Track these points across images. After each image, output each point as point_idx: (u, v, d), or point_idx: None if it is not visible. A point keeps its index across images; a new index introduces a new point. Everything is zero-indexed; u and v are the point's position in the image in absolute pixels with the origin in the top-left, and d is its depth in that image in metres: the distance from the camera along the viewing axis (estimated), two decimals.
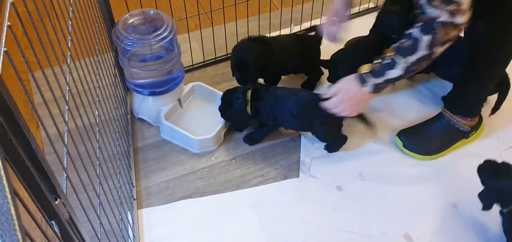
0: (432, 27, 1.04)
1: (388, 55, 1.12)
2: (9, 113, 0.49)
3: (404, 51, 1.09)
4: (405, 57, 1.09)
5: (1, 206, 0.34)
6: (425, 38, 1.05)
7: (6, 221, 0.34)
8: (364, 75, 1.17)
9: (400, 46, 1.10)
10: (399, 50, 1.10)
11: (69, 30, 0.85)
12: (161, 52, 1.38)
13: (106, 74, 1.21)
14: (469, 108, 1.36)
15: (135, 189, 1.34)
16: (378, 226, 1.23)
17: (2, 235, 0.33)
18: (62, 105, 0.74)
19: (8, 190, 0.36)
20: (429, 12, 1.03)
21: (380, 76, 1.14)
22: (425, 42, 1.06)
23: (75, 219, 0.67)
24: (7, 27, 0.52)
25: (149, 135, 1.49)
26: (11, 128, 0.49)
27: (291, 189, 1.33)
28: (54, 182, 0.60)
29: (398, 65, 1.11)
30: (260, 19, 1.71)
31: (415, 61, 1.09)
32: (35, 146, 0.54)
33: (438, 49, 1.07)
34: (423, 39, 1.06)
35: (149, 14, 1.37)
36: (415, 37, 1.07)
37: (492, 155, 1.38)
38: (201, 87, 1.57)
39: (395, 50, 1.11)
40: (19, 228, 0.34)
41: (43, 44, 0.67)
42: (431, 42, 1.05)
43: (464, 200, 1.28)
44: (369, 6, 1.95)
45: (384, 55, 1.14)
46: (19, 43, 0.55)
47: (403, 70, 1.11)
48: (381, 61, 1.14)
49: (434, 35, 1.04)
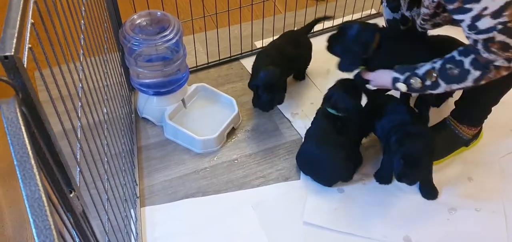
0: (486, 67, 1.04)
1: (431, 79, 1.13)
2: (32, 107, 0.51)
3: (450, 78, 1.10)
4: (449, 84, 1.11)
5: (33, 193, 0.36)
6: (475, 73, 1.06)
7: (39, 207, 0.36)
8: (400, 88, 1.20)
9: (445, 71, 1.10)
10: (444, 76, 1.11)
11: (82, 28, 0.87)
12: (167, 53, 1.40)
13: (113, 73, 1.23)
14: (476, 118, 1.37)
15: (138, 187, 1.35)
16: (378, 228, 1.25)
17: (35, 220, 0.35)
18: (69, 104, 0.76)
19: (38, 178, 0.38)
20: (485, 56, 1.02)
21: (418, 91, 1.18)
22: (473, 76, 1.07)
23: (87, 213, 0.69)
24: (31, 24, 0.54)
25: (153, 134, 1.51)
26: (34, 121, 0.50)
27: (292, 191, 1.35)
28: (70, 176, 0.62)
29: (440, 88, 1.13)
30: (264, 23, 1.73)
31: (457, 88, 1.12)
32: (54, 140, 0.56)
33: (482, 82, 1.08)
34: (473, 73, 1.06)
35: (156, 15, 1.39)
36: (466, 69, 1.07)
37: (491, 161, 1.41)
38: (205, 88, 1.59)
39: (439, 74, 1.12)
40: (50, 214, 0.36)
41: (59, 42, 0.69)
42: (480, 78, 1.06)
43: (463, 204, 1.30)
44: (371, 12, 1.98)
45: (425, 75, 1.14)
46: (41, 40, 0.57)
47: (442, 92, 1.14)
48: (422, 82, 1.15)
49: (485, 74, 1.05)
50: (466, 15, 0.98)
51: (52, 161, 0.55)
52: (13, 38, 0.46)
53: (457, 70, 1.09)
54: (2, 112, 0.43)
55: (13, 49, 0.46)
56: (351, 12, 1.92)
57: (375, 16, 1.96)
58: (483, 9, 0.95)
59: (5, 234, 1.26)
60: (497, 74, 1.05)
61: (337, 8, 1.86)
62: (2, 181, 1.38)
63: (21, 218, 1.29)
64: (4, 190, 1.36)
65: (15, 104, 0.44)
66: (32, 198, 0.36)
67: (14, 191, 1.35)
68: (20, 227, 1.27)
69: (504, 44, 0.98)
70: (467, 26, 1.00)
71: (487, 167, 1.40)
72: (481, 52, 1.03)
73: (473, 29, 1.00)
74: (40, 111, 0.52)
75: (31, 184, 0.36)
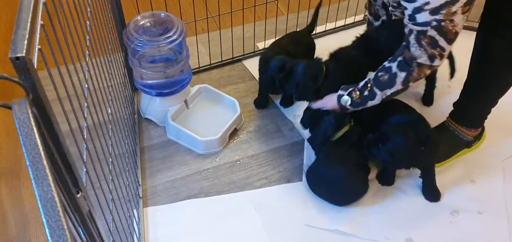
0: (410, 65, 1.12)
1: (367, 89, 1.22)
2: (42, 108, 0.51)
3: (382, 85, 1.19)
4: (383, 90, 1.20)
5: (46, 193, 0.36)
6: (402, 74, 1.15)
7: (51, 207, 0.36)
8: (344, 103, 1.27)
9: (378, 79, 1.20)
10: (377, 83, 1.20)
11: (87, 29, 0.87)
12: (170, 54, 1.40)
13: (117, 74, 1.23)
14: (475, 120, 1.38)
15: (141, 187, 1.36)
16: (381, 230, 1.25)
17: (48, 220, 0.35)
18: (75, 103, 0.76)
19: (51, 179, 0.38)
20: (413, 50, 1.10)
21: (360, 106, 1.26)
22: (400, 78, 1.15)
23: (93, 213, 0.69)
24: (40, 26, 0.54)
25: (156, 135, 1.51)
26: (43, 121, 0.51)
27: (294, 192, 1.35)
28: (77, 176, 0.62)
29: (377, 97, 1.21)
30: (266, 24, 1.74)
31: (391, 94, 1.20)
32: (62, 140, 0.56)
33: (411, 84, 1.17)
34: (399, 75, 1.15)
35: (160, 16, 1.39)
36: (393, 73, 1.16)
37: (493, 163, 1.41)
38: (207, 89, 1.60)
39: (373, 83, 1.21)
40: (63, 214, 0.36)
41: (67, 42, 0.69)
42: (406, 79, 1.15)
43: (465, 207, 1.31)
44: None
45: (363, 87, 1.24)
46: (49, 41, 0.57)
47: (380, 100, 1.22)
48: (360, 94, 1.24)
49: (410, 73, 1.14)
50: (411, 5, 1.04)
51: (60, 161, 0.55)
52: (24, 39, 0.47)
53: (387, 76, 1.18)
54: (14, 113, 0.43)
55: (24, 50, 0.46)
56: (354, 14, 1.93)
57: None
58: (425, 4, 1.01)
59: (8, 234, 1.26)
60: (421, 72, 1.13)
61: (340, 10, 1.86)
62: (5, 181, 1.38)
63: (24, 218, 1.29)
64: (7, 190, 1.36)
65: (27, 105, 0.44)
66: (45, 199, 0.36)
67: (17, 191, 1.35)
68: (23, 227, 1.27)
69: (433, 40, 1.06)
70: (408, 15, 1.06)
71: (489, 169, 1.40)
72: (411, 44, 1.09)
73: (412, 20, 1.06)
74: (49, 112, 0.52)
75: (43, 184, 0.37)
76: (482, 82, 1.29)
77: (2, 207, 1.32)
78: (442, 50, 1.07)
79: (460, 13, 1.01)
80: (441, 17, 1.01)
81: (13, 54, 0.45)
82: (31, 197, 1.34)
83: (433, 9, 1.00)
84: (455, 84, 1.33)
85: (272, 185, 1.38)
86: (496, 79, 1.26)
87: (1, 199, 1.34)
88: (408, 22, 1.08)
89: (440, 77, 1.55)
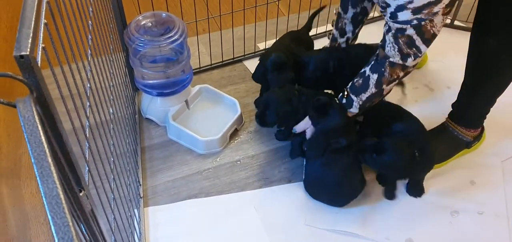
0: (382, 66, 1.12)
1: (346, 95, 1.23)
2: (45, 106, 0.51)
3: (357, 90, 1.19)
4: (358, 95, 1.19)
5: (51, 191, 0.36)
6: (374, 76, 1.15)
7: (56, 204, 0.36)
8: None
9: (353, 85, 1.20)
10: (352, 89, 1.20)
11: (89, 28, 0.88)
12: (171, 54, 1.41)
13: (118, 74, 1.24)
14: (474, 120, 1.39)
15: (142, 187, 1.36)
16: (381, 230, 1.25)
17: (53, 217, 0.35)
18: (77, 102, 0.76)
19: (56, 176, 0.38)
20: (388, 49, 1.10)
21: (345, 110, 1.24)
22: (373, 80, 1.16)
23: (95, 212, 0.69)
24: (43, 24, 0.54)
25: (156, 135, 1.51)
26: (47, 119, 0.51)
27: (295, 193, 1.36)
28: (80, 174, 0.62)
29: (354, 104, 1.21)
30: (267, 24, 1.74)
31: (366, 99, 1.19)
32: (66, 138, 0.56)
33: (386, 87, 1.16)
34: (372, 77, 1.15)
35: (161, 16, 1.39)
36: (367, 76, 1.17)
37: (493, 164, 1.42)
38: (208, 89, 1.60)
39: (350, 90, 1.21)
40: (68, 211, 0.36)
41: (69, 41, 0.69)
42: (378, 80, 1.15)
43: (465, 207, 1.31)
44: (373, 15, 1.98)
45: (342, 95, 1.24)
46: (53, 40, 0.57)
47: (358, 108, 1.21)
48: (340, 101, 1.24)
49: (382, 74, 1.14)
50: (394, 2, 1.03)
51: (63, 159, 0.55)
52: (29, 38, 0.47)
53: (361, 80, 1.18)
54: (19, 111, 0.44)
55: (29, 49, 0.46)
56: None
57: (377, 19, 1.97)
58: (408, 2, 1.00)
59: (8, 233, 1.26)
60: (393, 73, 1.13)
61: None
62: (6, 180, 1.38)
63: (25, 218, 1.29)
64: (8, 189, 1.36)
65: (31, 103, 0.44)
66: (50, 196, 0.36)
67: (17, 190, 1.36)
68: (23, 227, 1.27)
69: (411, 40, 1.06)
70: (390, 13, 1.06)
71: (489, 169, 1.41)
72: (386, 44, 1.10)
73: (393, 18, 1.06)
74: (53, 110, 0.52)
75: (49, 181, 0.37)
76: (479, 82, 1.30)
77: (2, 206, 1.32)
78: (417, 50, 1.08)
79: (440, 14, 1.02)
80: (422, 16, 1.01)
81: (17, 52, 0.45)
82: (32, 196, 1.34)
83: (416, 8, 1.00)
84: (454, 85, 1.34)
85: (272, 185, 1.38)
86: (492, 78, 1.27)
87: (2, 198, 1.34)
88: (388, 20, 1.08)
89: (440, 79, 1.56)
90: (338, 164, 1.26)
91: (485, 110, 1.36)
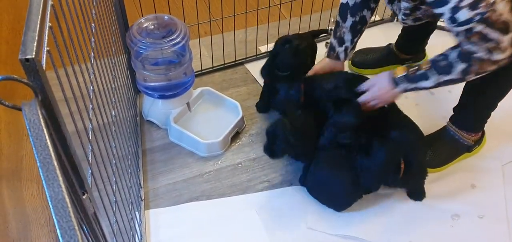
0: (470, 59, 1.06)
1: (425, 67, 1.15)
2: (50, 109, 0.51)
3: (440, 69, 1.12)
4: (439, 74, 1.13)
5: (57, 194, 0.36)
6: (461, 66, 1.08)
7: (62, 208, 0.36)
8: (398, 79, 1.21)
9: (436, 62, 1.13)
10: (435, 66, 1.13)
11: (92, 31, 0.88)
12: (173, 57, 1.41)
13: (120, 76, 1.24)
14: (475, 124, 1.39)
15: (143, 190, 1.36)
16: (382, 233, 1.25)
17: (59, 220, 0.35)
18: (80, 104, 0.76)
19: (61, 180, 0.38)
20: (467, 47, 1.05)
21: (413, 83, 1.18)
22: (459, 69, 1.09)
23: (98, 214, 0.69)
24: (48, 28, 0.54)
25: (157, 137, 1.51)
26: (51, 122, 0.51)
27: (296, 195, 1.36)
28: (83, 177, 0.62)
29: (431, 79, 1.14)
30: (269, 28, 1.74)
31: (446, 81, 1.13)
32: (69, 141, 0.56)
33: (471, 77, 1.10)
34: (459, 66, 1.09)
35: (163, 19, 1.39)
36: (451, 61, 1.10)
37: (494, 168, 1.42)
38: (210, 92, 1.60)
39: (432, 64, 1.14)
40: (74, 215, 0.36)
41: (73, 44, 0.70)
42: (465, 70, 1.08)
43: (466, 211, 1.31)
44: (374, 19, 1.98)
45: (420, 65, 1.17)
46: (57, 43, 0.58)
47: (433, 84, 1.15)
48: (416, 70, 1.17)
49: (470, 66, 1.07)
50: (445, 8, 1.00)
51: (67, 162, 0.56)
52: (34, 41, 0.47)
53: (444, 62, 1.11)
54: (24, 114, 0.44)
55: (34, 52, 0.46)
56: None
57: (380, 22, 1.97)
58: (460, 1, 0.97)
59: (9, 235, 1.26)
60: (481, 68, 1.07)
61: None
62: (7, 182, 1.38)
63: (25, 220, 1.29)
64: (9, 191, 1.36)
65: (37, 107, 0.44)
66: (56, 199, 0.36)
67: (18, 192, 1.36)
68: (24, 229, 1.27)
69: (483, 35, 1.00)
70: (448, 19, 1.02)
71: (490, 173, 1.41)
72: (463, 44, 1.05)
73: (454, 22, 1.01)
74: (57, 113, 0.52)
75: (54, 185, 0.37)
76: (480, 86, 1.29)
77: (3, 208, 1.32)
78: (496, 42, 1.01)
79: (499, 1, 0.97)
80: (483, 9, 0.97)
81: (23, 55, 0.46)
82: (32, 198, 1.34)
83: (471, 3, 0.96)
84: (455, 89, 1.33)
85: (274, 188, 1.38)
86: (492, 82, 1.26)
87: (3, 200, 1.34)
88: (451, 26, 1.04)
89: None
90: (342, 167, 1.26)
91: (486, 114, 1.36)
